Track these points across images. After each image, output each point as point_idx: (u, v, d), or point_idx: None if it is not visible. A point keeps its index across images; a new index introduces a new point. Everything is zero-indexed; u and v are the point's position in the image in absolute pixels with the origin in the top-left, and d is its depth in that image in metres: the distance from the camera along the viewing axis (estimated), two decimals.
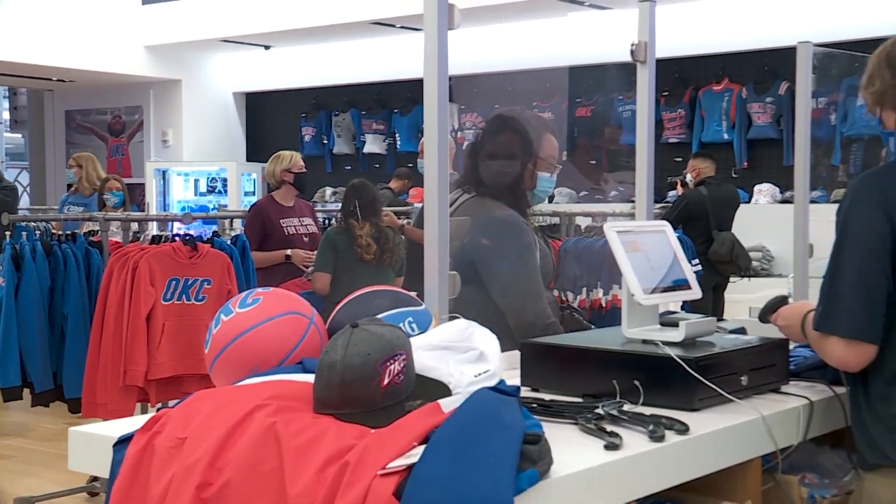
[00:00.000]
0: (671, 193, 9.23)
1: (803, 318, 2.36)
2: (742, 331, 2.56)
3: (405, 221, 6.62)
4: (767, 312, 2.51)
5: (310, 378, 1.88)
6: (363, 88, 12.73)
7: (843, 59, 3.90)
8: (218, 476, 1.68)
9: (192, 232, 5.33)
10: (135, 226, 5.68)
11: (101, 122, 14.08)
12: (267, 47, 12.97)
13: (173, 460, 1.76)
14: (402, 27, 10.95)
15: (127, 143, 13.82)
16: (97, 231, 5.56)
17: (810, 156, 3.48)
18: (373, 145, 12.79)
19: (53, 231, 5.50)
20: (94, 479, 5.50)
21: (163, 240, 5.09)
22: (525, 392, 2.27)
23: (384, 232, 5.74)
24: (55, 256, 5.24)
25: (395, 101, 12.51)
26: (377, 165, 12.83)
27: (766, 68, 9.97)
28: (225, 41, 12.48)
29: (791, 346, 2.49)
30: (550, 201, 10.14)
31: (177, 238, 5.07)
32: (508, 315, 2.86)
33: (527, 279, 2.97)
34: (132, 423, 1.93)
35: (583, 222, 6.66)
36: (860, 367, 2.20)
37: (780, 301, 2.51)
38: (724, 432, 2.07)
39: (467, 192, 3.06)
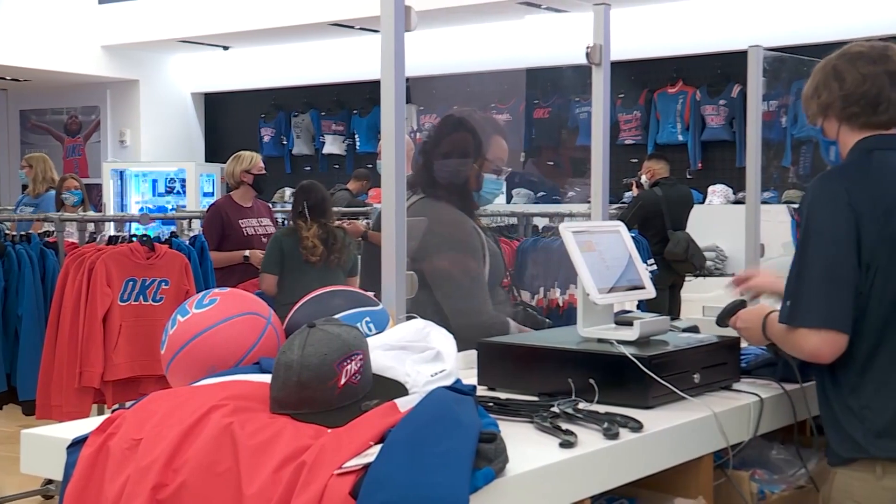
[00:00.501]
0: (627, 194, 9.34)
1: (764, 319, 2.39)
2: (695, 329, 2.59)
3: (364, 222, 6.63)
4: (726, 316, 2.54)
5: (267, 378, 1.88)
6: (322, 89, 12.71)
7: (793, 63, 3.98)
8: (174, 477, 1.68)
9: (147, 233, 5.30)
10: (91, 226, 5.63)
11: (57, 122, 13.93)
12: (226, 48, 12.91)
13: (128, 462, 1.75)
14: (360, 28, 10.95)
15: (83, 144, 13.69)
16: (52, 232, 5.51)
17: (762, 157, 3.54)
18: (332, 146, 12.78)
19: (7, 232, 5.44)
20: (49, 481, 5.45)
21: (120, 240, 5.06)
22: (481, 391, 2.29)
23: (333, 233, 5.75)
24: (9, 257, 5.17)
25: (354, 102, 12.51)
26: (336, 166, 12.81)
27: (719, 71, 10.11)
28: (183, 41, 12.40)
29: (743, 344, 2.53)
30: (509, 202, 10.21)
31: (134, 238, 5.04)
32: (450, 315, 2.86)
33: (468, 280, 2.98)
34: (86, 425, 1.92)
35: (540, 223, 6.72)
36: (832, 358, 2.22)
37: (739, 305, 2.54)
38: (677, 429, 2.10)
39: (416, 194, 3.07)
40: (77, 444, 1.85)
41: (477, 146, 3.12)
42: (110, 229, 6.05)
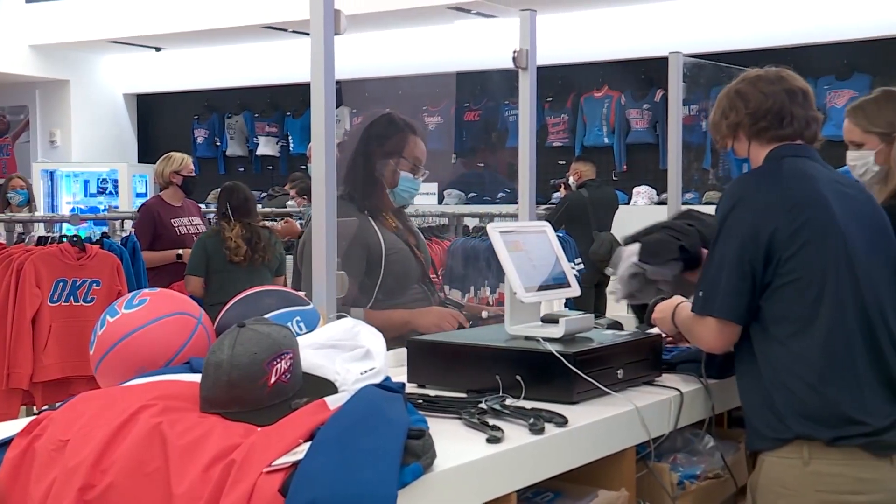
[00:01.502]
0: (555, 195, 9.48)
1: (674, 308, 2.56)
2: (619, 326, 2.66)
3: (300, 222, 6.64)
4: (649, 315, 2.67)
5: (197, 378, 1.89)
6: (256, 91, 12.67)
7: (711, 69, 4.11)
8: (102, 478, 1.67)
9: (78, 234, 5.25)
10: (20, 227, 5.55)
11: None
12: (158, 49, 12.78)
13: (55, 463, 1.73)
14: (293, 31, 10.92)
15: (12, 144, 13.44)
16: None
17: (683, 160, 3.63)
18: (266, 148, 12.74)
19: None
20: None
21: (50, 241, 5.00)
22: (411, 388, 2.32)
23: (257, 232, 5.78)
24: None
25: (287, 104, 12.48)
26: (270, 167, 12.78)
27: (642, 76, 10.31)
28: (114, 42, 12.24)
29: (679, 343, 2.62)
30: (440, 202, 10.27)
31: (64, 239, 4.99)
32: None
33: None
34: (11, 427, 1.90)
35: (471, 223, 6.79)
36: (726, 348, 2.40)
37: (659, 301, 2.66)
38: (600, 424, 2.15)
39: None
40: (1, 447, 1.83)
41: (394, 144, 3.16)
42: (40, 230, 5.97)
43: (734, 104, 2.53)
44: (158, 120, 13.70)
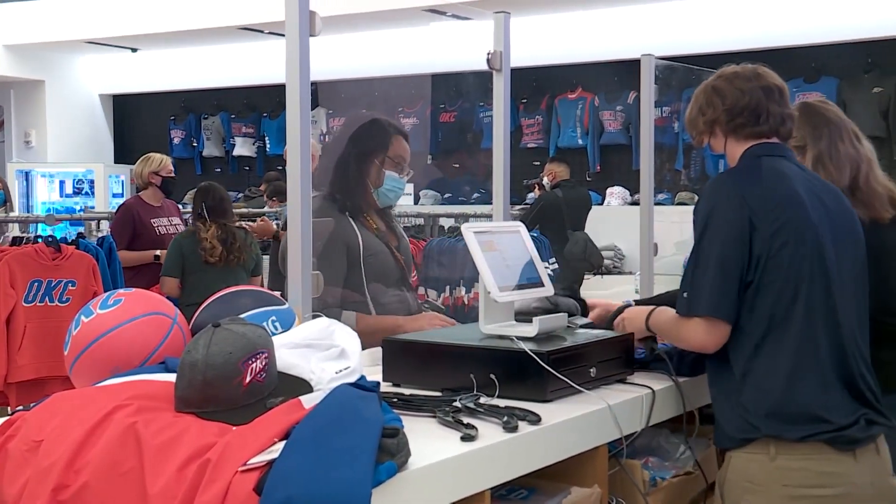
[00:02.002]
0: (530, 195, 9.54)
1: (647, 315, 2.57)
2: (591, 325, 2.68)
3: (276, 222, 6.64)
4: (611, 320, 2.70)
5: (172, 378, 1.89)
6: (232, 92, 12.65)
7: (683, 72, 4.15)
8: (76, 478, 1.67)
9: (53, 234, 5.23)
10: None
11: None
12: (134, 50, 12.73)
13: (28, 464, 1.73)
14: (269, 33, 10.91)
15: None
16: None
17: (655, 161, 3.67)
18: (242, 148, 12.73)
19: None
20: None
21: (25, 241, 4.99)
22: (386, 387, 2.33)
23: (232, 233, 5.79)
24: None
25: (264, 105, 12.47)
26: (247, 168, 12.77)
27: (615, 78, 10.38)
28: (90, 43, 12.18)
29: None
30: (416, 203, 10.30)
31: (39, 239, 4.98)
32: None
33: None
34: None
35: (446, 223, 6.81)
36: (717, 347, 2.39)
37: (621, 310, 2.71)
38: (573, 421, 2.17)
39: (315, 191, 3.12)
40: None
41: (378, 143, 3.18)
42: (15, 230, 5.95)
43: (711, 100, 2.55)
44: (135, 120, 13.64)
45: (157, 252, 6.00)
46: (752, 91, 2.51)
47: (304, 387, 1.92)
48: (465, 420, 1.99)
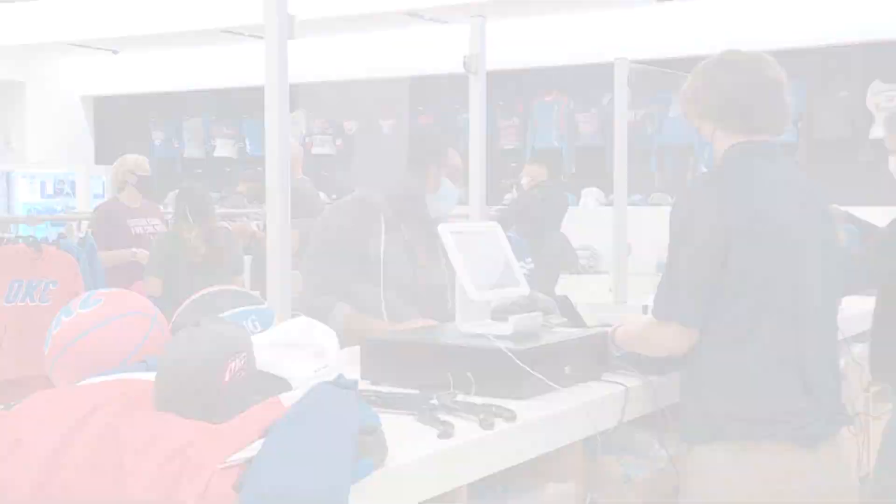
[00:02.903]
0: (507, 196, 9.60)
1: (612, 333, 2.60)
2: (567, 324, 2.72)
3: (255, 223, 6.66)
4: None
5: (152, 377, 1.89)
6: (213, 94, 12.63)
7: (656, 75, 4.19)
8: (56, 477, 1.67)
9: (34, 234, 5.23)
10: None
11: None
12: (115, 51, 12.71)
13: (6, 463, 1.73)
14: (250, 35, 10.91)
15: None
16: None
17: (629, 163, 3.71)
18: (224, 150, 12.72)
19: None
20: None
21: (5, 242, 4.98)
22: (365, 385, 2.35)
23: (215, 233, 5.80)
24: None
25: (244, 106, 12.44)
26: (228, 169, 12.74)
27: (591, 82, 10.43)
28: (71, 45, 12.14)
29: None
30: None
31: (20, 240, 4.97)
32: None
33: (320, 258, 3.12)
34: None
35: None
36: (685, 352, 2.41)
37: None
38: (548, 418, 2.20)
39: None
40: None
41: (434, 151, 3.25)
42: None
43: (706, 86, 2.51)
44: (116, 122, 13.59)
45: (135, 249, 6.01)
46: (749, 84, 2.46)
47: (284, 385, 1.94)
48: (442, 417, 2.02)
